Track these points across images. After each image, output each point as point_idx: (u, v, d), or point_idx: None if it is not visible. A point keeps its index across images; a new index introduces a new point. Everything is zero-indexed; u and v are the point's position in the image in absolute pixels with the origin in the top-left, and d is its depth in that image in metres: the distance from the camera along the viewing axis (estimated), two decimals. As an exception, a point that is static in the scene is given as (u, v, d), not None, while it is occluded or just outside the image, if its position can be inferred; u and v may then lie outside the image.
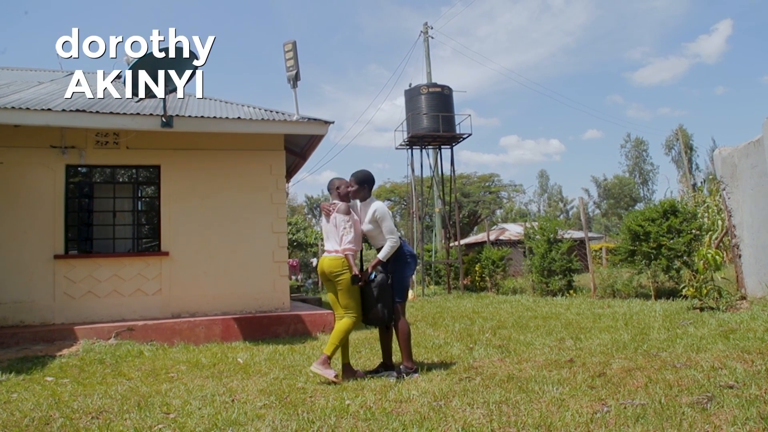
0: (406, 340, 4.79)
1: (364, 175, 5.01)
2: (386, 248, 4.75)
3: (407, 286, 4.93)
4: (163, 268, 8.32)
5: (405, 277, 4.87)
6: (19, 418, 3.77)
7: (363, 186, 4.97)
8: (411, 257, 4.97)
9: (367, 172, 5.04)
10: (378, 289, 4.70)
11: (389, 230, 4.80)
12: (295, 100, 8.57)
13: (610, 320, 7.57)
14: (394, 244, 4.77)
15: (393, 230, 4.83)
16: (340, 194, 4.94)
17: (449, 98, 18.02)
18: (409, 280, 4.97)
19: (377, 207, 4.87)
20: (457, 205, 21.14)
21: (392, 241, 4.77)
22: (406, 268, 4.88)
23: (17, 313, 7.76)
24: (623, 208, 52.46)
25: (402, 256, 4.86)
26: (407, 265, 4.89)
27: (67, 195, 8.23)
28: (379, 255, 4.79)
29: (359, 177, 4.97)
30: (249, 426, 3.36)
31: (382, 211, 4.84)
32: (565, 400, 3.61)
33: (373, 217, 4.83)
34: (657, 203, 11.53)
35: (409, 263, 4.91)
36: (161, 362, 5.96)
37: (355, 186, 4.93)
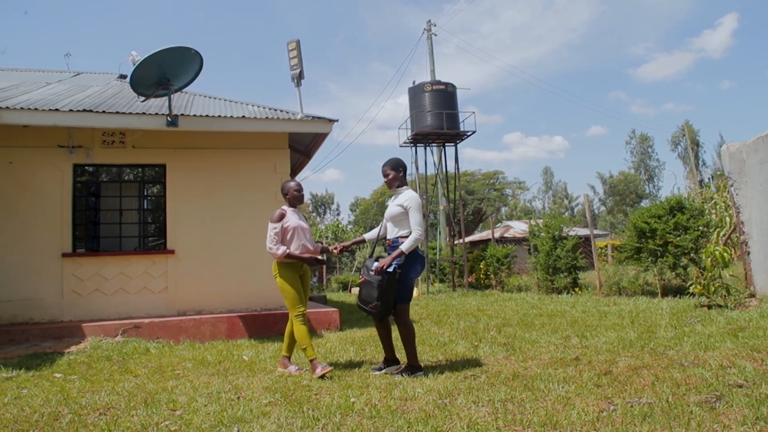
0: (411, 341, 4.74)
1: (396, 161, 4.95)
2: (410, 240, 4.61)
3: (412, 287, 4.84)
4: (169, 266, 8.35)
5: (411, 278, 4.77)
6: (29, 413, 3.80)
7: (398, 170, 4.91)
8: (419, 260, 4.86)
9: (399, 159, 4.98)
10: (385, 284, 4.56)
11: (417, 222, 4.69)
12: (299, 98, 8.59)
13: (616, 318, 7.55)
14: (419, 236, 4.66)
15: (421, 223, 4.72)
16: (287, 198, 5.31)
17: (453, 95, 17.98)
18: (413, 282, 4.84)
19: (411, 195, 4.78)
20: (462, 202, 21.13)
21: (417, 233, 4.65)
22: (412, 270, 4.76)
23: (27, 310, 7.82)
24: (629, 204, 52.26)
25: (411, 257, 4.73)
26: (414, 267, 4.77)
27: (75, 194, 8.28)
28: (402, 246, 4.60)
29: (392, 163, 4.92)
30: (254, 423, 3.37)
31: (416, 201, 4.74)
32: (571, 398, 3.61)
33: (404, 203, 4.73)
34: (663, 200, 11.47)
35: (416, 265, 4.80)
36: (167, 359, 5.99)
37: (391, 173, 4.89)
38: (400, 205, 4.75)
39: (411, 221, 4.69)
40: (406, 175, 4.99)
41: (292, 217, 5.19)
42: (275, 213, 5.15)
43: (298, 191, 5.32)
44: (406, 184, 4.96)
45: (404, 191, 4.85)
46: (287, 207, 5.27)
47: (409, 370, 4.69)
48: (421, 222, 4.72)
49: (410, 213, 4.71)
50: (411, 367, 4.72)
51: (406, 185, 4.94)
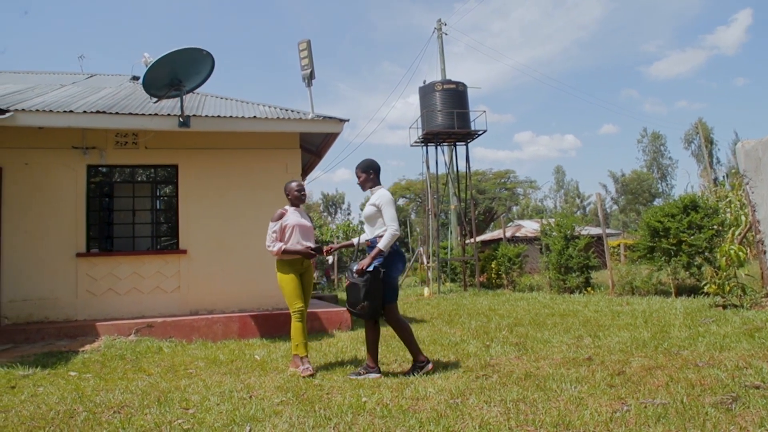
0: (408, 337, 4.71)
1: (366, 163, 4.93)
2: (387, 236, 4.54)
3: (397, 286, 4.81)
4: (182, 266, 8.41)
5: (394, 277, 4.72)
6: (45, 411, 3.85)
7: (368, 173, 4.89)
8: (401, 257, 4.81)
9: (369, 160, 4.96)
10: (369, 285, 4.53)
11: (391, 217, 4.61)
12: (310, 98, 8.60)
13: (629, 318, 7.49)
14: (395, 232, 4.58)
15: (395, 218, 4.63)
16: (289, 198, 5.47)
17: (464, 95, 17.92)
18: (396, 280, 4.80)
19: (382, 192, 4.77)
20: (473, 202, 21.06)
21: (393, 229, 4.57)
22: (393, 268, 4.70)
23: (42, 309, 7.92)
24: (641, 203, 51.86)
25: (391, 255, 4.67)
26: (395, 265, 4.71)
27: (89, 194, 8.36)
28: (379, 245, 4.55)
29: (362, 165, 4.93)
30: (266, 422, 3.38)
31: (387, 197, 4.71)
32: (584, 398, 3.58)
33: (375, 201, 4.71)
34: (677, 198, 11.35)
35: (397, 264, 4.74)
36: (180, 358, 6.03)
37: (361, 175, 4.91)
38: (372, 204, 4.73)
39: (385, 218, 4.64)
40: (378, 175, 4.93)
41: (292, 216, 5.35)
42: (276, 212, 5.37)
43: (299, 191, 5.47)
44: (379, 184, 4.92)
45: (377, 191, 4.83)
46: (289, 206, 5.46)
47: (417, 367, 4.65)
48: (394, 217, 4.64)
49: (383, 210, 4.65)
50: (418, 363, 4.67)
51: (379, 185, 4.90)
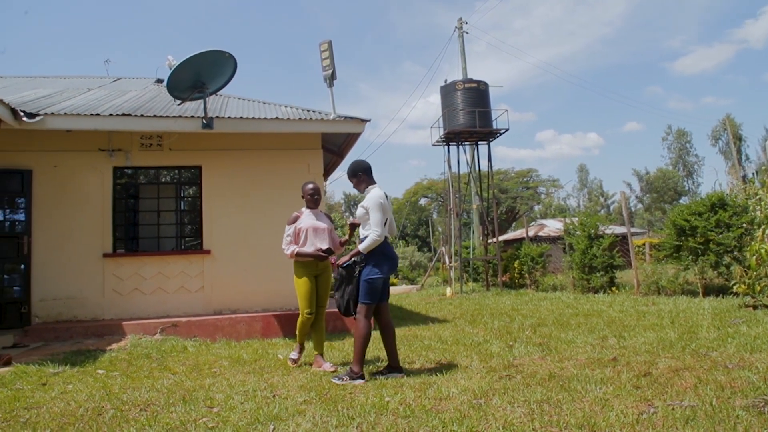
0: (360, 343, 4.57)
1: (352, 167, 4.89)
2: (368, 240, 4.54)
3: (376, 288, 4.61)
4: (205, 266, 8.51)
5: (372, 278, 4.58)
6: (74, 408, 3.93)
7: (357, 176, 4.85)
8: (388, 260, 4.68)
9: (354, 163, 4.92)
10: (339, 277, 4.66)
11: (376, 222, 4.56)
12: (331, 99, 8.63)
13: (655, 318, 7.37)
14: (377, 238, 4.52)
15: (380, 223, 4.56)
16: (304, 200, 5.54)
17: (485, 93, 17.81)
18: (380, 282, 4.62)
19: (371, 194, 4.71)
20: (495, 201, 20.91)
21: (375, 234, 4.53)
22: (375, 269, 4.59)
23: (71, 308, 8.09)
24: (667, 202, 50.94)
25: (374, 256, 4.61)
26: (379, 267, 4.60)
27: (115, 196, 8.51)
28: (360, 246, 4.59)
29: (349, 171, 4.90)
30: (290, 421, 3.40)
31: (375, 200, 4.62)
32: (609, 399, 3.53)
33: (365, 203, 4.67)
34: (704, 196, 11.13)
35: (382, 265, 4.61)
36: (204, 357, 6.10)
37: (352, 180, 4.90)
38: (362, 206, 4.71)
39: (371, 221, 4.60)
40: (369, 174, 4.87)
41: (307, 218, 5.42)
42: (291, 216, 5.50)
43: (311, 194, 5.51)
44: (373, 183, 4.86)
45: (370, 191, 4.78)
46: (305, 208, 5.53)
47: (348, 375, 4.54)
48: (379, 222, 4.57)
49: (370, 213, 4.62)
50: (352, 372, 4.55)
51: (373, 185, 4.84)
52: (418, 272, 29.20)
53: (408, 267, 29.86)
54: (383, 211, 4.63)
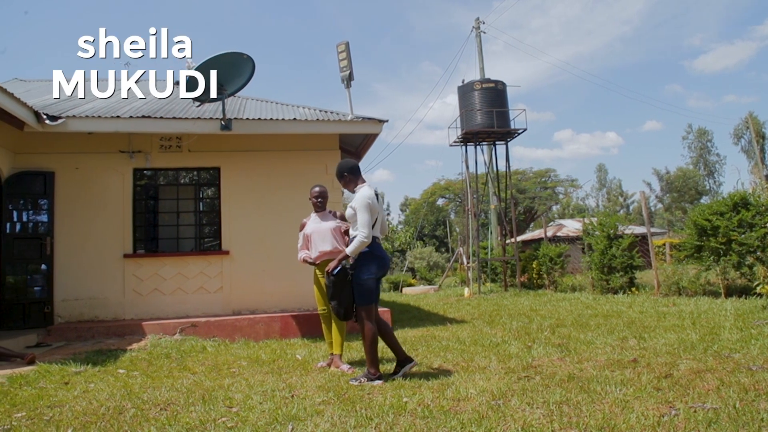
0: (369, 345, 4.52)
1: (338, 169, 4.83)
2: (355, 242, 4.46)
3: (370, 289, 4.56)
4: (224, 267, 8.58)
5: (364, 279, 4.53)
6: (96, 406, 3.99)
7: (344, 177, 4.78)
8: (376, 259, 4.59)
9: (339, 164, 4.86)
10: (332, 284, 4.57)
11: (363, 223, 4.45)
12: (349, 99, 8.66)
13: (676, 319, 7.26)
14: (364, 239, 4.42)
15: (367, 224, 4.44)
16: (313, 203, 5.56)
17: (503, 93, 17.72)
18: (372, 283, 4.56)
19: (359, 194, 4.61)
20: (513, 201, 20.79)
21: (362, 235, 4.43)
22: (365, 270, 4.53)
23: (92, 308, 8.22)
24: (688, 201, 50.15)
25: (362, 257, 4.54)
26: (368, 268, 4.54)
27: (135, 197, 8.63)
28: (347, 249, 4.53)
29: (336, 173, 4.83)
30: (308, 421, 3.41)
31: (362, 201, 4.52)
32: (630, 401, 3.49)
33: (352, 203, 4.58)
34: (726, 196, 10.94)
35: (370, 265, 4.55)
36: (223, 357, 6.15)
37: (341, 182, 4.87)
38: (350, 206, 4.64)
39: (358, 222, 4.52)
40: (355, 173, 4.79)
41: (311, 223, 5.56)
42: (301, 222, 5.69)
43: (315, 198, 5.52)
44: (362, 182, 4.77)
45: (359, 190, 4.69)
46: (313, 213, 5.62)
47: (366, 376, 4.51)
48: (366, 222, 4.46)
49: (357, 214, 4.52)
50: (369, 374, 4.52)
51: (363, 183, 4.75)
52: (436, 273, 29.12)
53: (426, 267, 29.79)
54: (371, 211, 4.53)
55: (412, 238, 35.28)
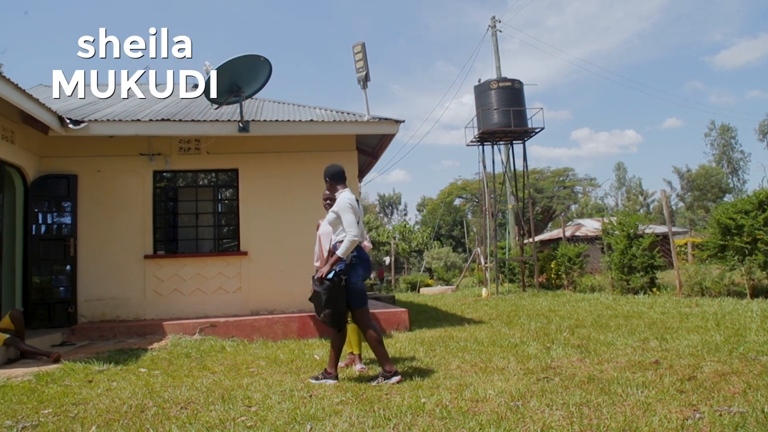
0: (376, 346, 4.56)
1: (324, 173, 4.93)
2: (344, 243, 4.45)
3: (362, 291, 4.63)
4: (243, 267, 8.65)
5: (354, 282, 4.57)
6: (119, 404, 4.06)
7: (327, 180, 4.91)
8: (363, 262, 4.66)
9: (326, 168, 4.92)
10: (328, 291, 4.47)
11: (349, 223, 4.47)
12: (365, 100, 8.68)
13: (699, 320, 7.15)
14: (353, 238, 4.44)
15: (353, 224, 4.48)
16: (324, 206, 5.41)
17: (520, 92, 17.60)
18: (361, 285, 4.63)
19: (340, 197, 4.68)
20: (531, 201, 20.65)
21: (350, 235, 4.43)
22: (354, 274, 4.58)
23: (114, 308, 8.34)
24: (710, 200, 49.31)
25: (351, 261, 4.59)
26: (355, 270, 4.59)
27: (155, 199, 8.74)
28: (338, 252, 4.48)
29: (324, 175, 4.93)
30: (327, 421, 3.42)
31: (344, 203, 4.59)
32: (652, 404, 3.44)
33: (335, 207, 4.65)
34: (751, 194, 10.74)
35: (357, 268, 4.60)
36: (242, 357, 6.19)
37: (327, 184, 4.95)
38: (333, 210, 4.67)
39: (343, 224, 4.54)
40: (336, 178, 4.87)
41: (322, 225, 5.52)
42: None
43: (324, 200, 5.34)
44: (343, 187, 4.84)
45: (339, 195, 4.75)
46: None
47: (383, 376, 4.53)
48: (352, 223, 4.49)
49: (341, 216, 4.56)
50: (384, 372, 4.54)
51: (343, 189, 4.81)
52: (453, 273, 29.01)
53: (443, 268, 29.69)
54: (354, 212, 4.57)
55: (429, 239, 35.20)
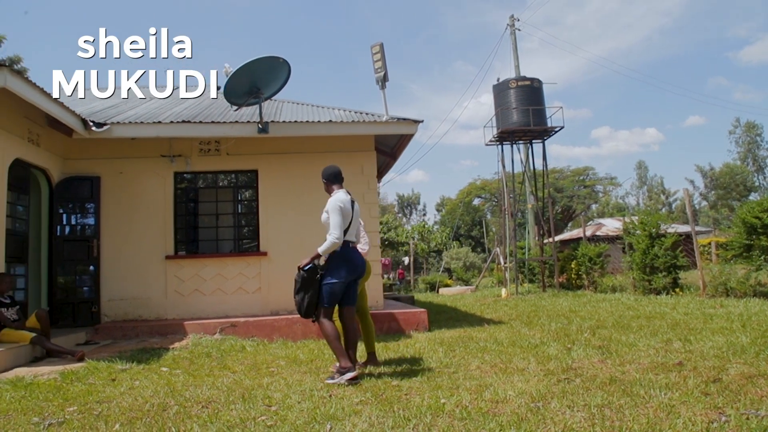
0: (333, 342, 4.72)
1: (322, 172, 5.15)
2: (326, 243, 4.71)
3: (334, 292, 4.76)
4: (262, 268, 8.71)
5: (330, 282, 4.74)
6: (141, 403, 4.12)
7: (323, 181, 5.13)
8: (347, 263, 4.80)
9: (323, 169, 5.14)
10: (300, 280, 4.78)
11: (334, 224, 4.71)
12: (384, 100, 8.67)
13: (724, 321, 7.02)
14: (335, 240, 4.67)
15: (337, 226, 4.70)
16: None
17: (539, 91, 17.46)
18: (338, 287, 4.77)
19: (331, 198, 4.90)
20: (550, 200, 20.47)
21: (332, 236, 4.68)
22: (334, 273, 4.75)
23: (136, 308, 8.46)
24: (735, 199, 48.38)
25: (334, 260, 4.77)
26: (337, 271, 4.75)
27: (176, 200, 8.84)
28: (318, 248, 4.75)
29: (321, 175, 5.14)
30: (346, 421, 3.43)
31: (333, 204, 4.80)
32: (675, 406, 3.38)
33: (326, 207, 4.87)
34: (777, 193, 10.53)
35: (340, 269, 4.76)
36: (262, 357, 6.23)
37: (323, 184, 5.14)
38: (324, 210, 4.87)
39: (330, 224, 4.75)
40: (331, 179, 5.08)
41: None
42: None
43: None
44: (338, 188, 5.03)
45: (332, 196, 4.96)
46: None
47: (337, 371, 4.66)
48: (338, 224, 4.70)
49: (329, 216, 4.77)
50: (338, 367, 4.67)
51: (338, 189, 5.01)
52: (472, 273, 28.90)
53: (462, 268, 29.59)
54: (342, 214, 4.77)
55: (448, 239, 35.10)
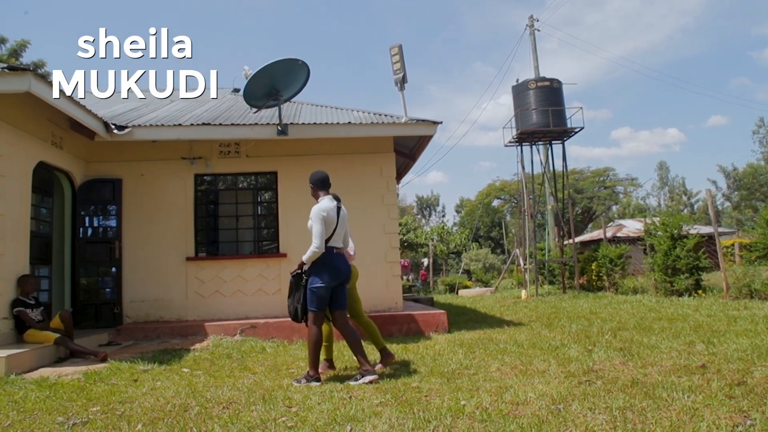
0: (312, 348, 4.87)
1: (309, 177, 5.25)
2: (308, 252, 4.85)
3: (319, 296, 4.85)
4: (282, 269, 8.75)
5: (314, 287, 4.84)
6: (163, 403, 4.17)
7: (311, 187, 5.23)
8: (329, 269, 4.89)
9: (311, 174, 5.24)
10: (289, 285, 5.03)
11: (315, 233, 4.84)
12: (402, 102, 8.68)
13: (749, 323, 6.89)
14: (315, 249, 4.81)
15: (318, 234, 4.83)
16: None
17: (559, 92, 17.33)
18: (323, 291, 4.85)
19: (315, 207, 5.01)
20: (570, 201, 20.29)
21: (314, 245, 4.82)
22: (316, 279, 4.85)
23: (157, 309, 8.56)
24: (759, 199, 47.41)
25: (316, 266, 4.88)
26: (320, 276, 4.85)
27: (196, 202, 8.94)
28: (303, 256, 4.90)
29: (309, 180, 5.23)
30: (366, 422, 3.44)
31: (316, 212, 4.93)
32: (699, 409, 3.34)
33: (311, 215, 4.98)
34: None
35: (322, 274, 4.86)
36: (282, 358, 6.27)
37: (311, 191, 5.23)
38: (310, 218, 4.98)
39: (312, 232, 4.88)
40: (318, 185, 5.18)
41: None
42: None
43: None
44: (324, 195, 5.13)
45: (318, 202, 5.07)
46: None
47: (304, 376, 4.80)
48: (319, 233, 4.83)
49: (313, 224, 4.90)
50: (308, 374, 4.80)
51: (324, 196, 5.11)
52: (492, 274, 28.74)
53: (481, 269, 29.45)
54: (326, 223, 4.89)
55: (468, 240, 34.97)
